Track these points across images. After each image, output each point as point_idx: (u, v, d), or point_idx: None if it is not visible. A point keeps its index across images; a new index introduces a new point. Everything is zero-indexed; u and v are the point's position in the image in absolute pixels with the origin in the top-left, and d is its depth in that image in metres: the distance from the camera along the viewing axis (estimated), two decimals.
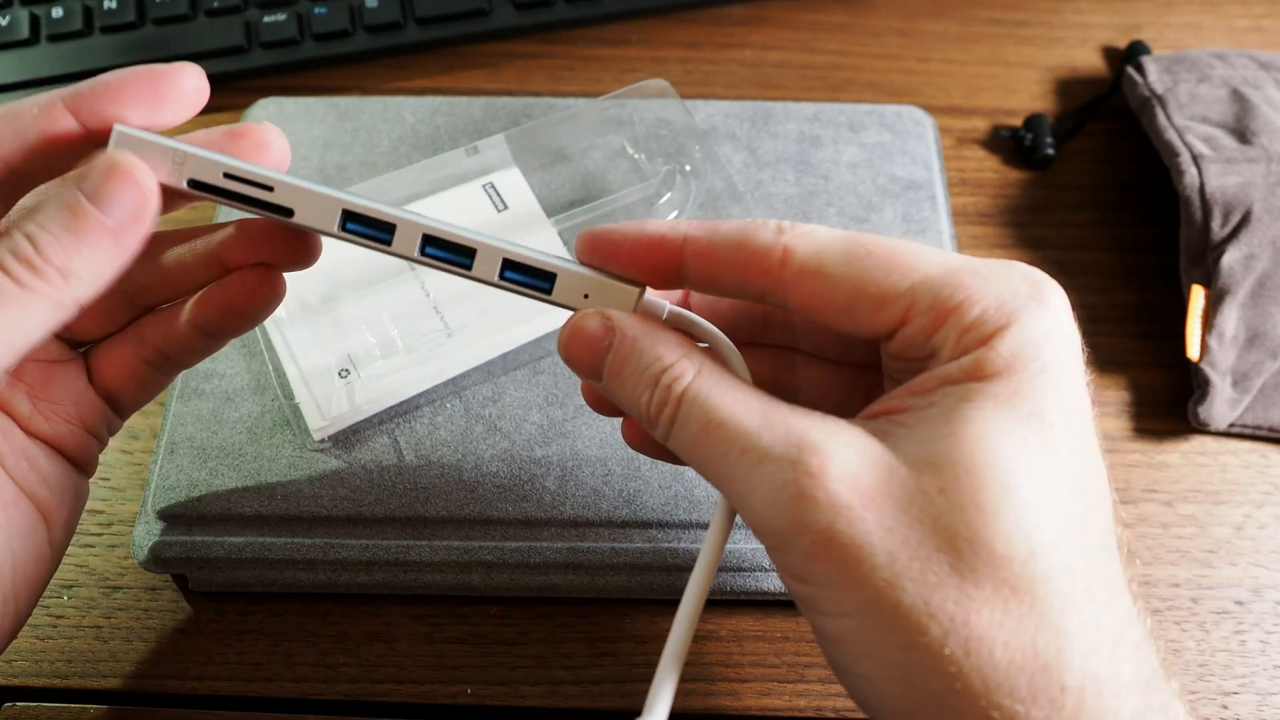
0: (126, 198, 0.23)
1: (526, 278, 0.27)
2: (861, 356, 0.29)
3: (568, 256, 0.27)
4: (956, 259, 0.24)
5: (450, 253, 0.27)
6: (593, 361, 0.26)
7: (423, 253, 0.26)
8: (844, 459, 0.23)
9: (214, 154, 0.26)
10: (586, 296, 0.27)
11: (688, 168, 0.42)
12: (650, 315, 0.27)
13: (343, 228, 0.26)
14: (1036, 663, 0.22)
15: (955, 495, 0.22)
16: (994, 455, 0.22)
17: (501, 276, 0.27)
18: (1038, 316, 0.23)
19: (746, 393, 0.25)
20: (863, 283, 0.24)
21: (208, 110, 0.48)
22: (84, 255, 0.23)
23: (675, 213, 0.41)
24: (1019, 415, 0.23)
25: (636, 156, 0.43)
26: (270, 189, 0.26)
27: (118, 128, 0.25)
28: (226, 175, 0.26)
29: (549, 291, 0.27)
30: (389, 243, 0.26)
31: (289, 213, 0.26)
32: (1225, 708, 0.35)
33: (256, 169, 0.26)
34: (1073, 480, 0.23)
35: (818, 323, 0.26)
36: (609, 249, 0.27)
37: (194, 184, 0.26)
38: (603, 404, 0.30)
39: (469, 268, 0.27)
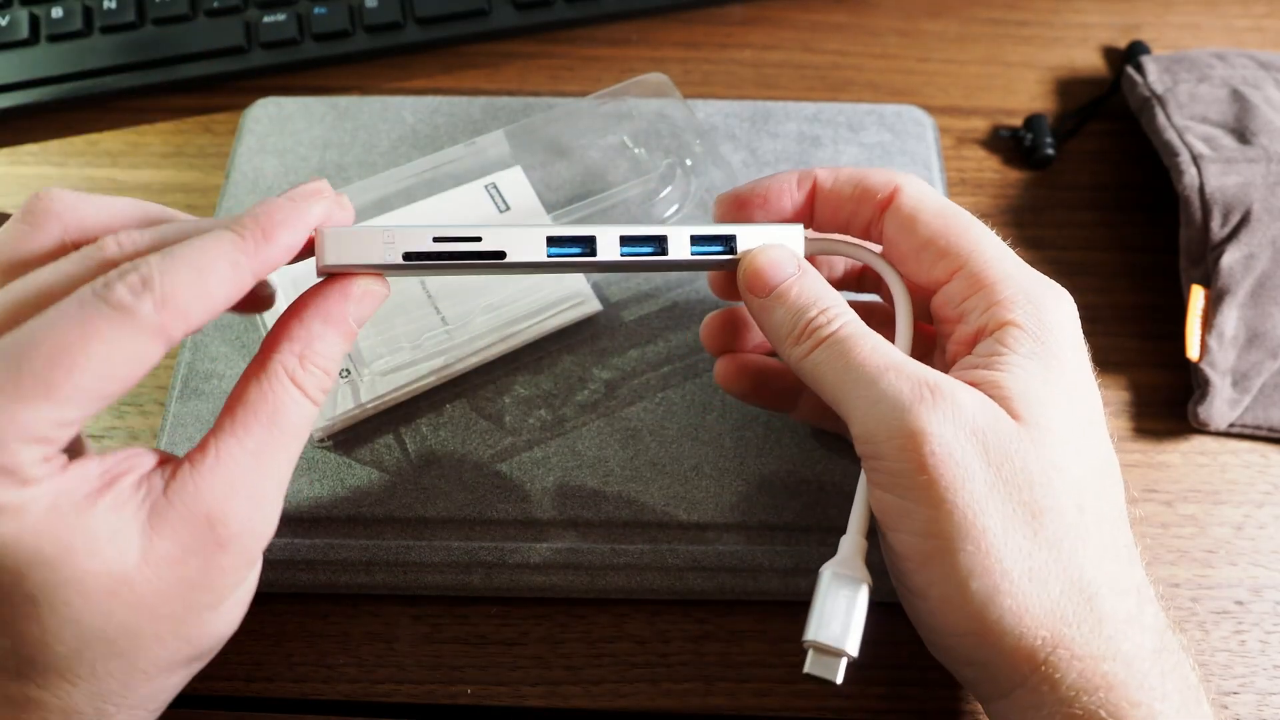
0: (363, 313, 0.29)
1: (712, 247, 0.31)
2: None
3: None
4: (1013, 255, 0.30)
5: (644, 246, 0.30)
6: (769, 285, 0.30)
7: (621, 253, 0.30)
8: (971, 396, 0.27)
9: (418, 224, 0.29)
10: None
11: (688, 162, 0.42)
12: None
13: (547, 254, 0.29)
14: (1081, 596, 0.26)
15: (1043, 449, 0.27)
16: (1058, 422, 0.27)
17: (692, 253, 0.31)
18: (1053, 311, 0.29)
19: (888, 342, 0.29)
20: (940, 232, 0.30)
21: (208, 110, 0.48)
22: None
23: (675, 207, 0.41)
24: (1058, 393, 0.28)
25: (636, 151, 0.43)
26: (478, 239, 0.29)
27: (323, 230, 0.28)
28: (435, 239, 0.28)
29: (734, 250, 0.31)
30: (594, 253, 0.29)
31: (501, 255, 0.29)
32: (1225, 708, 0.35)
33: (460, 227, 0.28)
34: (1098, 455, 0.29)
35: (897, 264, 0.32)
36: (757, 199, 0.33)
37: (408, 256, 0.28)
38: (721, 339, 0.36)
39: (665, 253, 0.30)
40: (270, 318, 0.36)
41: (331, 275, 0.28)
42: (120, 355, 0.23)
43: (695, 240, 0.31)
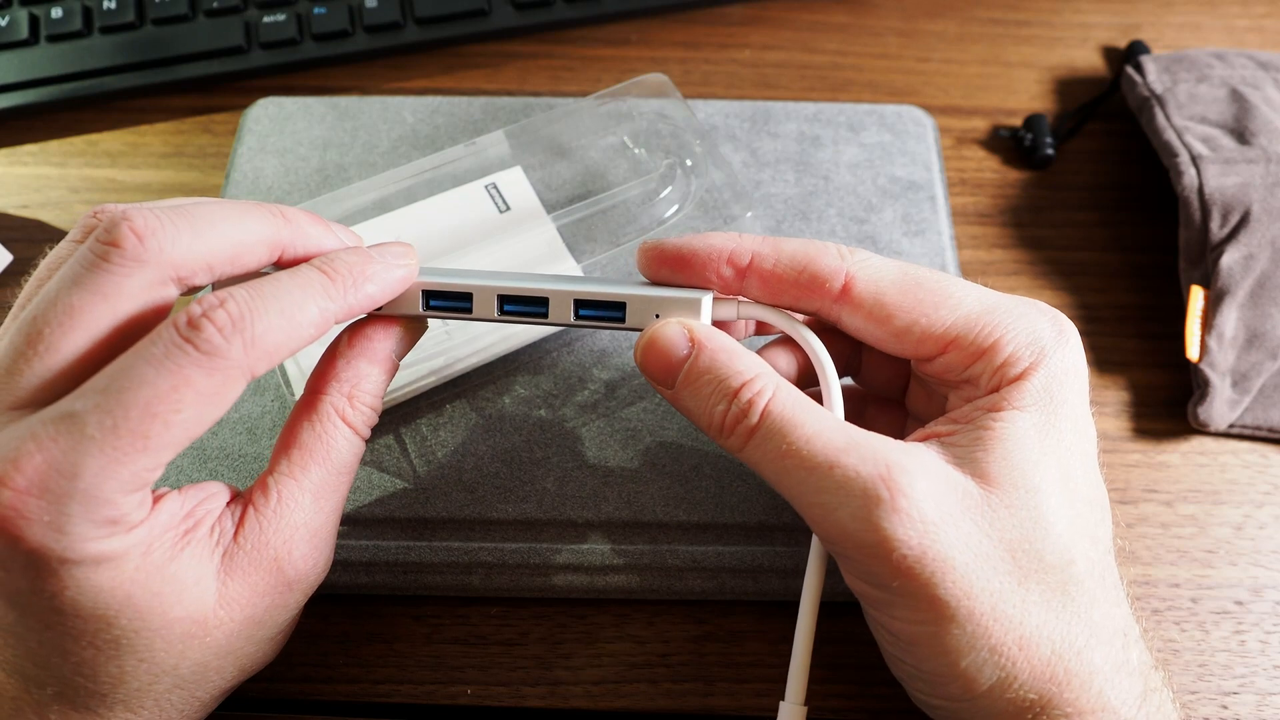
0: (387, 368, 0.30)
1: (600, 312, 0.28)
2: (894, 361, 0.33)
3: (629, 280, 0.29)
4: (993, 296, 0.28)
5: (525, 305, 0.29)
6: (670, 371, 0.28)
7: (501, 312, 0.29)
8: (927, 477, 0.25)
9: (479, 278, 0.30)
10: (658, 316, 0.28)
11: (688, 163, 0.42)
12: (723, 320, 0.29)
13: (426, 306, 0.29)
14: (1070, 651, 0.26)
15: (1018, 511, 0.26)
16: (1041, 476, 0.26)
17: (577, 317, 0.28)
18: (1061, 357, 0.27)
19: (824, 412, 0.26)
20: (914, 315, 0.28)
21: (208, 110, 0.48)
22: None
23: (675, 208, 0.41)
24: (1051, 442, 0.26)
25: (636, 152, 0.43)
26: (469, 295, 0.29)
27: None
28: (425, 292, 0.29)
29: (623, 320, 0.28)
30: (470, 310, 0.29)
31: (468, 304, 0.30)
32: (1225, 708, 0.35)
33: (452, 281, 0.29)
34: (1087, 498, 0.27)
35: (865, 342, 0.29)
36: (676, 261, 0.29)
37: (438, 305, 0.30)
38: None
39: (546, 315, 0.29)
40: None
41: (374, 316, 0.30)
42: (211, 400, 0.23)
43: (582, 305, 0.28)
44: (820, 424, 0.26)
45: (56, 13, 0.49)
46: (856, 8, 0.53)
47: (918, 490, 0.25)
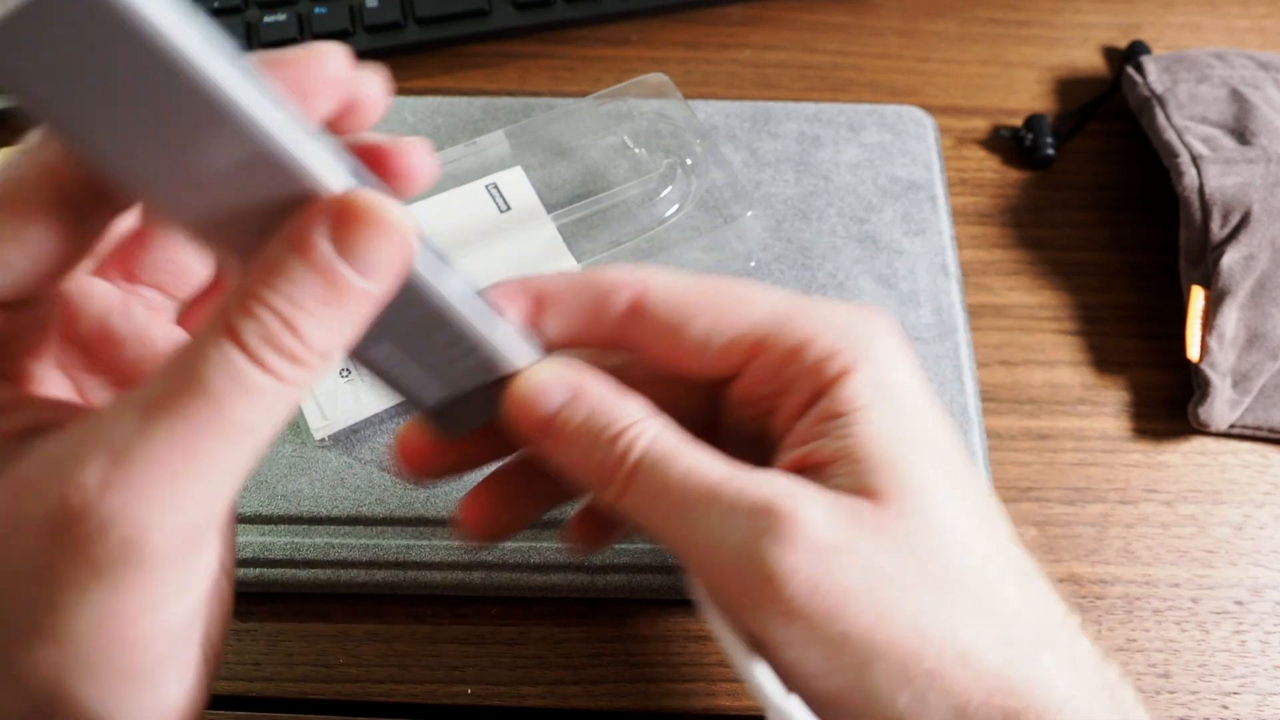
0: (389, 255, 0.19)
1: None
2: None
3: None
4: (795, 296, 0.25)
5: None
6: (543, 423, 0.24)
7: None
8: (814, 502, 0.22)
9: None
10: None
11: (689, 162, 0.42)
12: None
13: None
14: (1020, 656, 0.23)
15: (914, 518, 0.23)
16: (922, 474, 0.23)
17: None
18: (880, 341, 0.25)
19: (705, 448, 0.24)
20: (713, 318, 0.25)
21: None
22: (346, 331, 0.20)
23: (675, 207, 0.41)
24: (913, 433, 0.24)
25: (637, 151, 0.43)
26: None
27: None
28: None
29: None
30: None
31: None
32: (1225, 708, 0.35)
33: None
34: (973, 485, 0.25)
35: (666, 367, 0.25)
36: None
37: None
38: (429, 467, 0.27)
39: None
40: None
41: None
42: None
43: None
44: (698, 457, 0.23)
45: None
46: (857, 8, 0.53)
47: (807, 515, 0.22)
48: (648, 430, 0.24)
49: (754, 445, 0.26)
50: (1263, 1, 0.53)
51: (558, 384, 0.24)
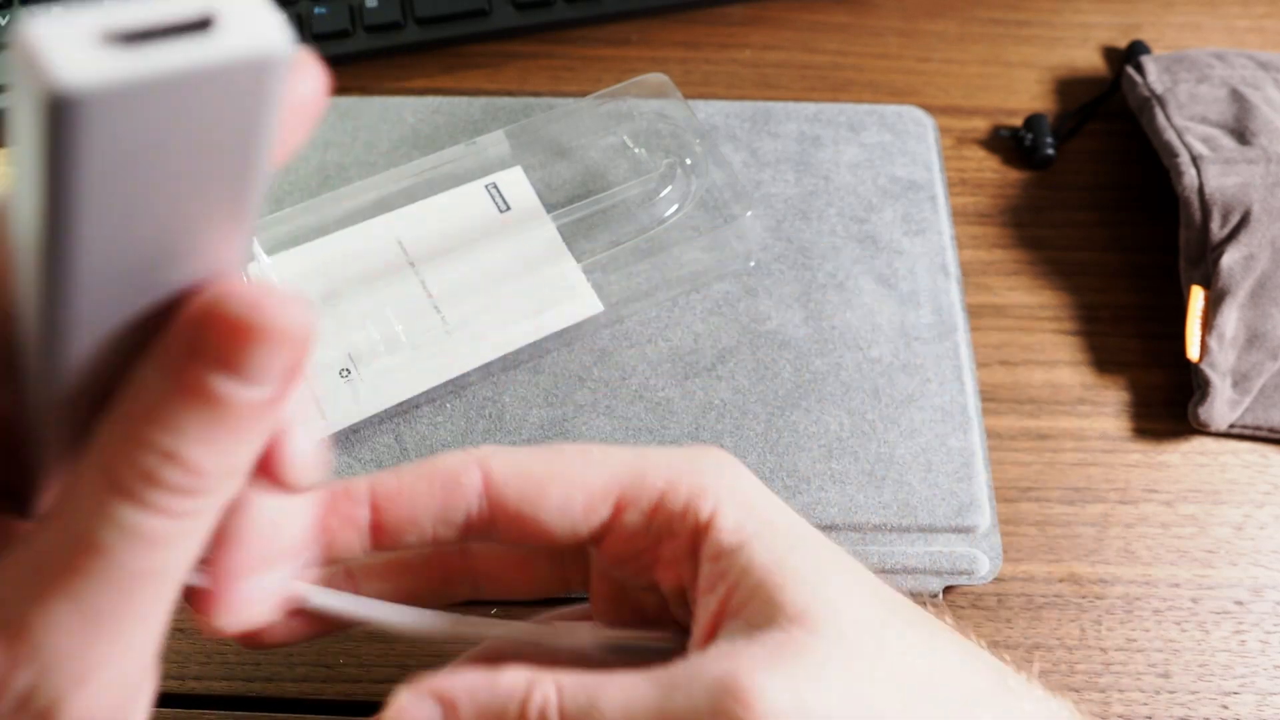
0: (278, 358, 0.16)
1: None
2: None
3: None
4: (630, 448, 0.25)
5: None
6: None
7: None
8: (764, 663, 0.21)
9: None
10: None
11: (688, 162, 0.42)
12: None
13: None
14: None
15: (847, 636, 0.22)
16: (832, 584, 0.23)
17: None
18: (728, 469, 0.25)
19: (619, 676, 0.22)
20: (567, 481, 0.24)
21: None
22: (245, 447, 0.17)
23: (675, 207, 0.41)
24: (808, 547, 0.24)
25: (637, 151, 0.43)
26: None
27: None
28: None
29: None
30: None
31: None
32: (1225, 708, 0.35)
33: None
34: (865, 574, 0.24)
35: (526, 541, 0.24)
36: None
37: None
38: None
39: None
40: None
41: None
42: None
43: None
44: (624, 690, 0.21)
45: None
46: (857, 8, 0.53)
47: (765, 682, 0.20)
48: (548, 692, 0.21)
49: (627, 596, 0.27)
50: (1263, 1, 0.53)
51: (420, 705, 0.22)
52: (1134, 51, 0.49)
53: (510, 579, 0.28)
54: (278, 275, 0.39)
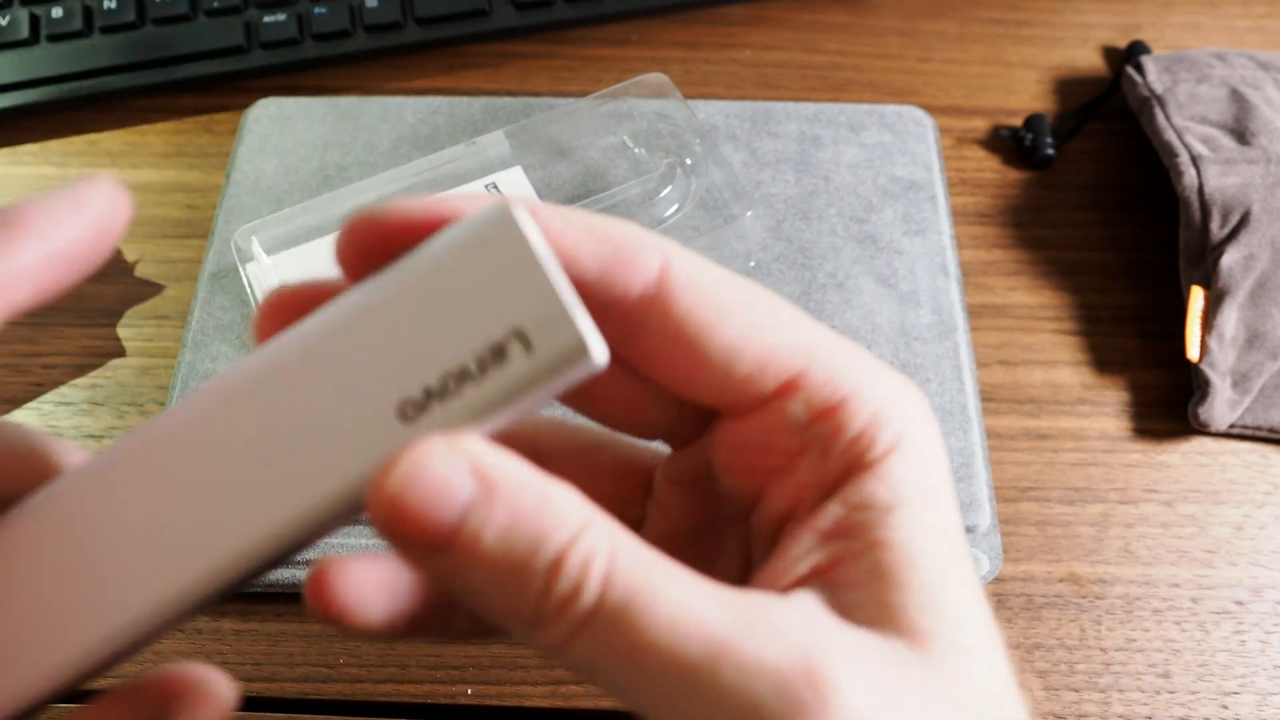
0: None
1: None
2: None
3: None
4: (839, 337, 0.19)
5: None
6: (440, 535, 0.16)
7: None
8: (854, 658, 0.17)
9: None
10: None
11: (688, 162, 0.42)
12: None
13: None
14: None
15: (968, 675, 0.18)
16: (969, 610, 0.19)
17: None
18: (927, 423, 0.19)
19: (685, 574, 0.17)
20: (751, 327, 0.18)
21: (208, 110, 0.48)
22: None
23: (675, 207, 0.41)
24: (957, 553, 0.19)
25: (637, 151, 0.43)
26: None
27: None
28: None
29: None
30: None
31: None
32: (1225, 708, 0.35)
33: None
34: (990, 617, 0.20)
35: (660, 375, 0.19)
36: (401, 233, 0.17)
37: None
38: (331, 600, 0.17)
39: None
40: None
41: None
42: None
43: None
44: (687, 595, 0.16)
45: (57, 12, 0.49)
46: (857, 8, 0.53)
47: (849, 682, 0.16)
48: (600, 548, 0.16)
49: (707, 499, 0.21)
50: (1263, 1, 0.53)
51: (458, 475, 0.16)
52: (1134, 51, 0.49)
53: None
54: (278, 275, 0.39)
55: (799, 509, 0.19)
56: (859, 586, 0.18)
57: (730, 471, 0.20)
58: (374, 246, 0.17)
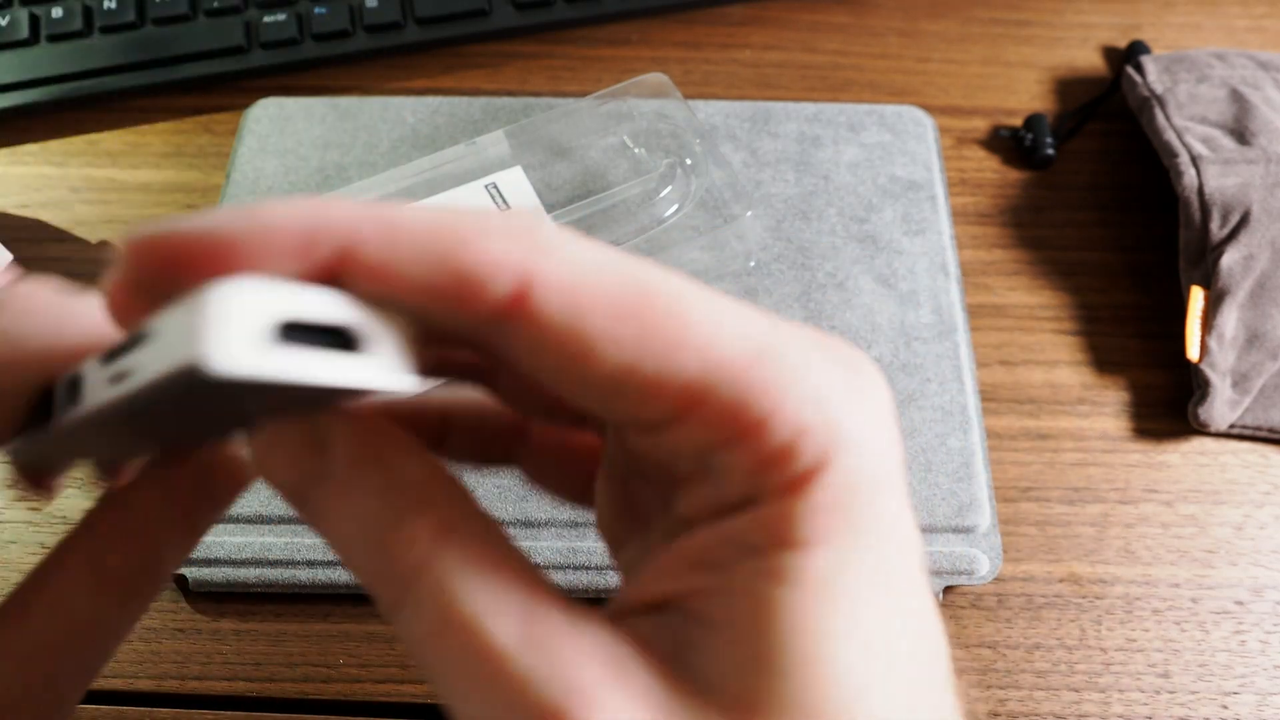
0: None
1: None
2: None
3: None
4: (760, 329, 0.16)
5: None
6: (297, 485, 0.16)
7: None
8: (623, 713, 0.15)
9: None
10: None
11: (688, 162, 0.42)
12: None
13: None
14: None
15: None
16: (869, 697, 0.15)
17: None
18: (865, 433, 0.16)
19: (507, 572, 0.16)
20: (637, 352, 0.15)
21: (208, 110, 0.48)
22: None
23: (675, 207, 0.41)
24: (872, 607, 0.15)
25: (636, 151, 0.43)
26: None
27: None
28: None
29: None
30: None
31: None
32: (1225, 708, 0.35)
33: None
34: (924, 681, 0.16)
35: (545, 389, 0.16)
36: (186, 257, 0.14)
37: None
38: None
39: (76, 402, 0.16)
40: None
41: None
42: None
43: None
44: (494, 597, 0.15)
45: (57, 12, 0.48)
46: (857, 8, 0.53)
47: None
48: (420, 534, 0.16)
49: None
50: (1263, 1, 0.53)
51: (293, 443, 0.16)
52: (1134, 51, 0.49)
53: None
54: None
55: (697, 521, 0.16)
56: (709, 648, 0.15)
57: (642, 465, 0.18)
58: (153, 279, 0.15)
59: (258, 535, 0.35)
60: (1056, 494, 0.39)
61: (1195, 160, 0.42)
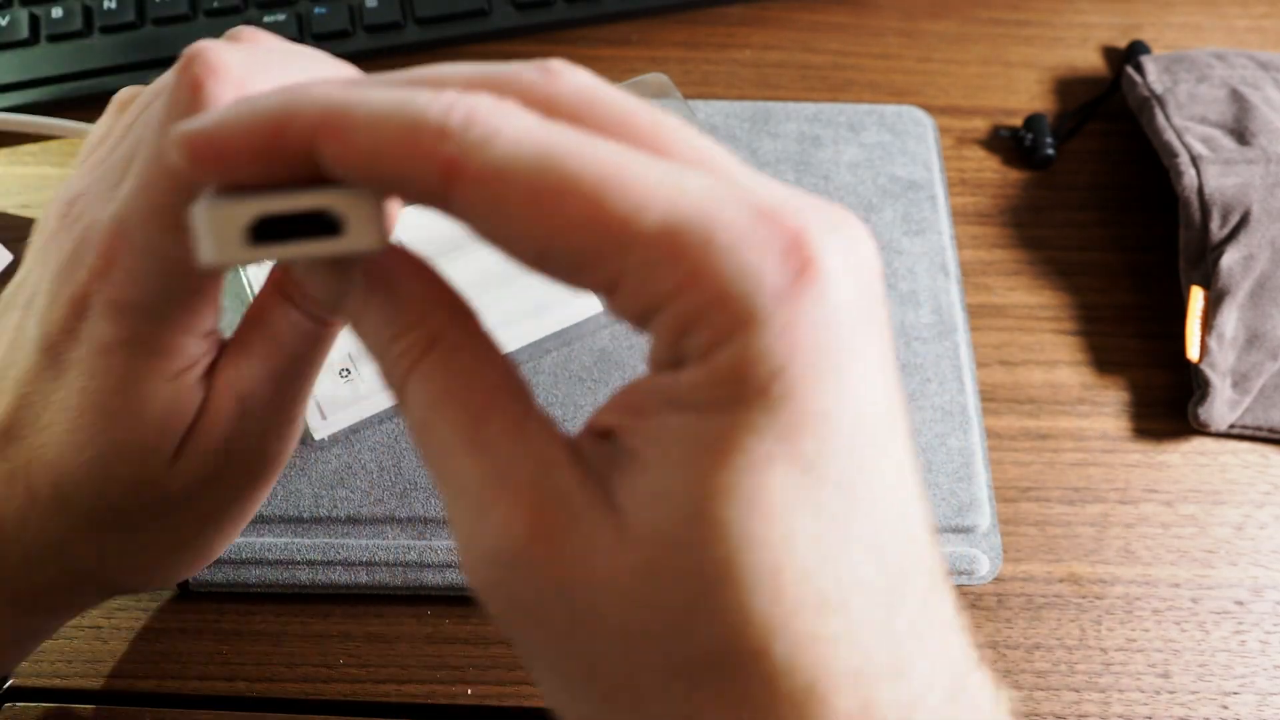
0: None
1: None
2: None
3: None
4: (689, 205, 0.16)
5: None
6: (332, 297, 0.20)
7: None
8: (585, 523, 0.17)
9: None
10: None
11: None
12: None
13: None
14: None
15: (713, 601, 0.16)
16: (762, 541, 0.15)
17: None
18: (767, 320, 0.15)
19: (479, 382, 0.18)
20: (551, 243, 0.16)
21: None
22: None
23: None
24: (797, 472, 0.16)
25: None
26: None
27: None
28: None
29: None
30: None
31: None
32: (1225, 708, 0.35)
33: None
34: (876, 547, 0.16)
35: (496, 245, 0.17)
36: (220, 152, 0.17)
37: None
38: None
39: None
40: None
41: None
42: None
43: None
44: (464, 402, 0.18)
45: (57, 12, 0.48)
46: (857, 8, 0.53)
47: (569, 542, 0.17)
48: (414, 346, 0.18)
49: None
50: (1262, 1, 0.53)
51: (320, 279, 0.20)
52: (1134, 51, 0.49)
53: None
54: None
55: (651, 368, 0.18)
56: (624, 456, 0.17)
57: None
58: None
59: (258, 536, 0.35)
60: (1056, 494, 0.39)
61: (1195, 160, 0.42)
